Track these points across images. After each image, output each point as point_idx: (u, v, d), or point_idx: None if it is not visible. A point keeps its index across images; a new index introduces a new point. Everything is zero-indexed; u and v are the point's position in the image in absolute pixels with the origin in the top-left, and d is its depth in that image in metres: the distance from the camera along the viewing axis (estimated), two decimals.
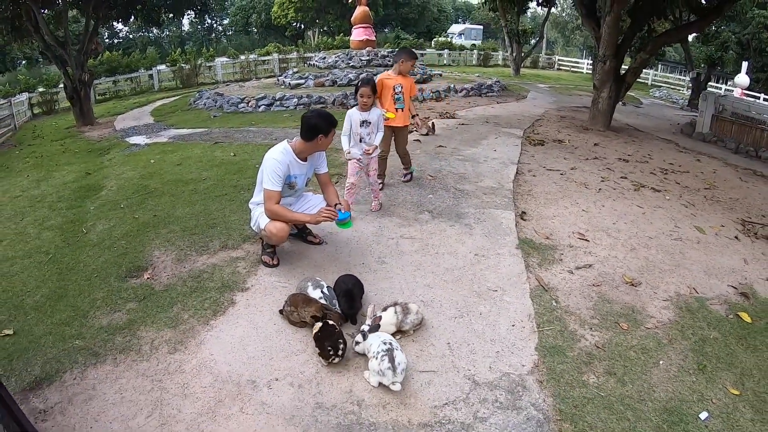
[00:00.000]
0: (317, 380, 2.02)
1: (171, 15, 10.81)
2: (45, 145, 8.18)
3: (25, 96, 13.16)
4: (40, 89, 14.26)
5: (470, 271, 2.94)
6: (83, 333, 2.38)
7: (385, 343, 1.94)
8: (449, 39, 31.02)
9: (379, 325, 2.15)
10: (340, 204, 2.79)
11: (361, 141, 3.55)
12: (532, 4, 18.07)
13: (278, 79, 12.65)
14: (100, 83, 15.63)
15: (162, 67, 17.63)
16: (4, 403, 1.63)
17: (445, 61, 24.93)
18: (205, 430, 1.80)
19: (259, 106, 9.53)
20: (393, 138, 4.17)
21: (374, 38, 13.48)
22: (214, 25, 48.15)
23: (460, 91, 11.40)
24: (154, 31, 38.56)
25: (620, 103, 11.99)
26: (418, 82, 11.82)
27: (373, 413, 1.85)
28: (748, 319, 2.69)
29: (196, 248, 3.25)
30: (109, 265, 3.07)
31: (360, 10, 12.89)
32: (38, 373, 2.11)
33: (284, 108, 9.41)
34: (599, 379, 2.12)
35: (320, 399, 1.92)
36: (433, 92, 10.76)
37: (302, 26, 38.43)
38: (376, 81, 3.82)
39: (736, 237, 3.81)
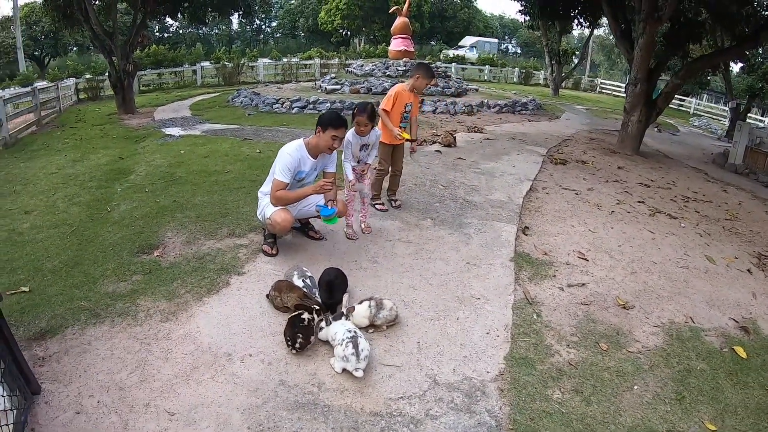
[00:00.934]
0: (286, 360, 2.17)
1: (217, 14, 11.43)
2: (85, 128, 8.85)
3: (72, 81, 14.12)
4: (87, 76, 15.27)
5: (458, 277, 3.03)
6: (89, 296, 2.65)
7: (349, 331, 2.07)
8: (459, 53, 30.31)
9: (343, 313, 2.28)
10: (334, 202, 2.96)
11: (358, 162, 3.56)
12: (576, 24, 17.84)
13: (316, 84, 13.10)
14: (146, 75, 16.63)
15: (206, 63, 18.63)
16: (9, 346, 1.88)
17: (485, 77, 24.96)
18: (178, 390, 1.99)
19: (293, 108, 9.94)
20: (392, 154, 4.00)
21: (412, 49, 13.72)
22: (263, 27, 50.13)
23: (493, 107, 11.44)
24: (204, 28, 40.58)
25: (655, 129, 11.66)
26: (452, 95, 11.97)
27: (330, 396, 1.99)
28: (743, 354, 2.63)
29: (205, 233, 3.50)
30: (124, 241, 3.37)
31: (400, 20, 13.20)
32: (44, 326, 2.38)
33: (317, 111, 9.78)
34: (564, 395, 2.15)
35: (285, 377, 2.07)
36: (465, 106, 10.86)
37: (348, 33, 39.46)
38: (394, 92, 3.81)
39: (748, 270, 3.69)
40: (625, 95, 8.72)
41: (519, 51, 55.68)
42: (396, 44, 13.38)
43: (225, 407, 1.92)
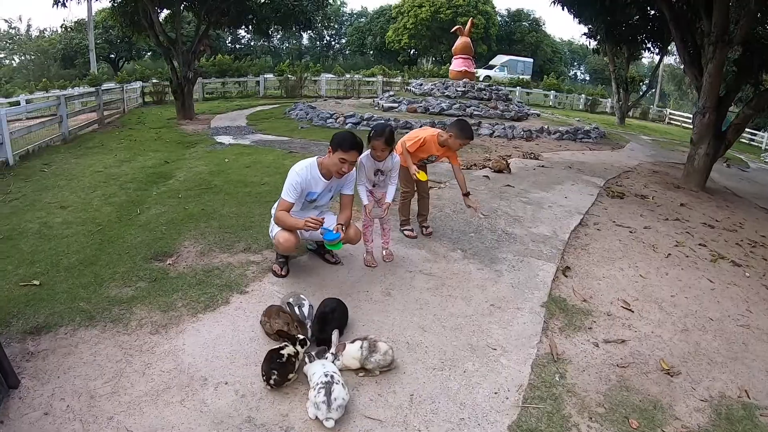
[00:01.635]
0: (260, 395, 1.99)
1: (280, 28, 11.93)
2: (143, 131, 9.46)
3: (138, 84, 15.27)
4: (154, 80, 16.48)
5: (476, 321, 2.72)
6: (91, 298, 2.66)
7: (326, 375, 1.86)
8: (490, 73, 28.82)
9: (325, 349, 2.08)
10: (341, 226, 2.79)
11: (374, 186, 3.36)
12: (644, 50, 16.79)
13: (374, 101, 13.27)
14: (210, 83, 17.70)
15: (269, 75, 19.47)
16: None
17: (550, 103, 24.16)
18: (144, 409, 1.89)
19: (347, 124, 10.06)
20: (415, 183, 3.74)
21: (473, 70, 13.56)
22: (333, 43, 51.84)
23: (554, 133, 10.91)
24: (275, 41, 42.77)
25: (724, 164, 10.57)
26: (512, 119, 11.64)
27: None
28: None
29: (222, 245, 3.47)
30: (142, 246, 3.41)
31: (461, 40, 13.11)
32: (41, 321, 2.41)
33: (369, 128, 9.78)
34: None
35: (254, 414, 1.89)
36: (524, 131, 10.46)
37: (415, 53, 40.03)
38: (423, 138, 3.51)
39: None
40: (692, 126, 7.94)
41: (587, 78, 53.59)
42: (456, 64, 13.29)
43: None
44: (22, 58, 31.62)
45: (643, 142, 13.75)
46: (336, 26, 48.68)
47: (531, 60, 35.53)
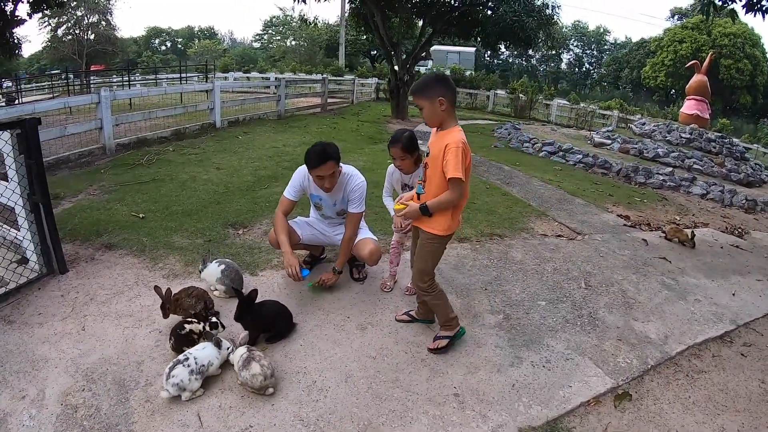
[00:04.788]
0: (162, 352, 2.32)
1: (507, 43, 11.81)
2: (350, 122, 10.95)
3: (373, 81, 17.57)
4: (388, 78, 18.69)
5: (414, 404, 2.20)
6: (157, 238, 3.56)
7: (183, 355, 2.08)
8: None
9: (213, 337, 2.21)
10: (331, 277, 2.90)
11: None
12: None
13: (589, 134, 12.17)
14: None
15: (500, 92, 19.66)
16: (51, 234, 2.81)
17: None
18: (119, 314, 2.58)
19: (541, 151, 9.41)
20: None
21: (707, 116, 11.96)
22: (591, 72, 50.78)
23: None
24: (532, 61, 42.71)
25: None
26: (738, 182, 9.27)
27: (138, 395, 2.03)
28: None
29: None
30: (232, 213, 4.21)
31: (696, 79, 11.87)
32: (116, 241, 3.45)
33: (563, 161, 8.88)
34: None
35: (144, 360, 2.25)
36: (747, 200, 7.70)
37: (674, 93, 35.66)
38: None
39: None
40: None
41: None
42: (688, 106, 11.99)
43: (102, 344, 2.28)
44: (293, 43, 39.61)
45: None
46: (597, 53, 47.63)
47: (473, 50, 27.69)
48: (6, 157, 2.59)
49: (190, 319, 2.35)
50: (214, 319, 2.36)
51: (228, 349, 2.22)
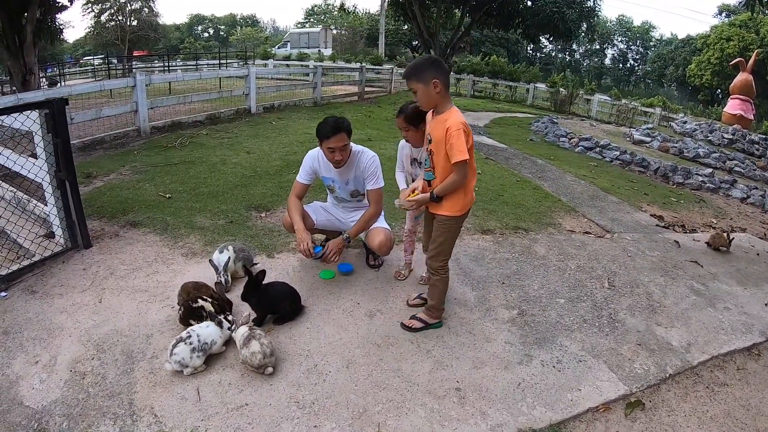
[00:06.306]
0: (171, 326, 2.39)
1: (548, 36, 11.39)
2: (385, 111, 10.84)
3: None
4: None
5: (411, 394, 2.19)
6: (180, 217, 3.66)
7: (186, 332, 2.11)
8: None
9: (216, 317, 2.23)
10: (336, 254, 2.77)
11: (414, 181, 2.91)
12: None
13: (628, 131, 11.67)
14: (481, 81, 18.83)
15: (540, 85, 19.12)
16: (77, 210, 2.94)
17: None
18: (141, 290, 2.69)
19: (578, 146, 9.04)
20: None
21: (751, 117, 11.72)
22: (636, 69, 49.52)
23: None
24: (576, 56, 41.42)
25: None
26: None
27: (143, 367, 2.09)
28: None
29: None
30: (256, 196, 4.28)
31: (741, 77, 11.63)
32: (141, 220, 3.57)
33: (600, 157, 8.51)
34: None
35: (153, 333, 2.31)
36: None
37: (719, 92, 34.13)
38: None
39: None
40: None
41: None
42: (732, 105, 11.79)
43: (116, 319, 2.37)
44: (334, 32, 39.80)
45: None
46: (642, 50, 46.83)
47: (318, 29, 28.91)
48: (35, 136, 2.72)
49: (206, 297, 2.38)
50: (229, 318, 2.33)
51: (229, 328, 2.25)
